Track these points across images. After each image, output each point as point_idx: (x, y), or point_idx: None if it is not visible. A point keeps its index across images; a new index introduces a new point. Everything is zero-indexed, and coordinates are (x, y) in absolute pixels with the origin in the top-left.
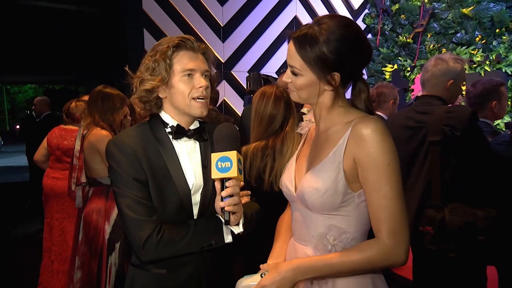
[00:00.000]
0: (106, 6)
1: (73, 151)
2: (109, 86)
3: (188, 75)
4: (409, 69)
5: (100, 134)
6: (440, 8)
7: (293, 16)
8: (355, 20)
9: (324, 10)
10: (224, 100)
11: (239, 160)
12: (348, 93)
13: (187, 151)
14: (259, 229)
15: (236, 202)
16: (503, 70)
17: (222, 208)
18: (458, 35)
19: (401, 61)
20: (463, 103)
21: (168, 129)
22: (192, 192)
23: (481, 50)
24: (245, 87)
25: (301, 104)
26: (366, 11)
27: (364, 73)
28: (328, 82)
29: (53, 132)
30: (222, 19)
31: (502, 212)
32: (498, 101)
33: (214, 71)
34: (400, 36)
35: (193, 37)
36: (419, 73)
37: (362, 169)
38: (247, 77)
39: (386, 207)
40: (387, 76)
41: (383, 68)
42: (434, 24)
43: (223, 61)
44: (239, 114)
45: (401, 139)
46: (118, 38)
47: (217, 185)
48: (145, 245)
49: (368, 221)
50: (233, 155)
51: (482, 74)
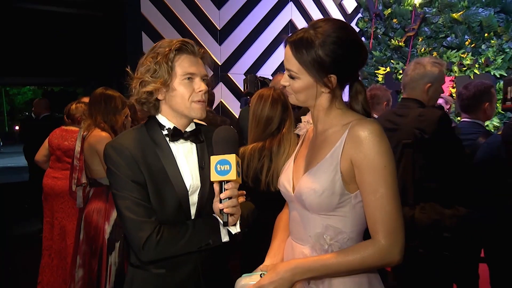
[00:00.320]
0: (105, 9)
1: (74, 152)
2: (110, 88)
3: (188, 78)
4: (401, 71)
5: (99, 135)
6: (431, 13)
7: (288, 20)
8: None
9: (318, 14)
10: (221, 101)
11: (237, 163)
12: (346, 96)
13: (184, 153)
14: (256, 228)
15: (234, 204)
16: (492, 73)
17: (221, 210)
18: (449, 39)
19: (393, 64)
20: (454, 105)
21: (165, 131)
22: (189, 192)
23: (470, 53)
24: (242, 89)
25: (297, 106)
26: (360, 15)
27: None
28: (325, 84)
29: (54, 133)
30: (219, 23)
31: (477, 211)
32: (490, 102)
33: (210, 74)
34: (392, 39)
35: (193, 41)
36: None
37: (359, 170)
38: (244, 79)
39: (382, 208)
40: (380, 79)
41: (376, 71)
42: (425, 28)
43: (220, 64)
44: (236, 116)
45: None
46: (117, 41)
47: (216, 187)
48: (145, 246)
49: (364, 222)
50: (232, 158)
51: (472, 77)
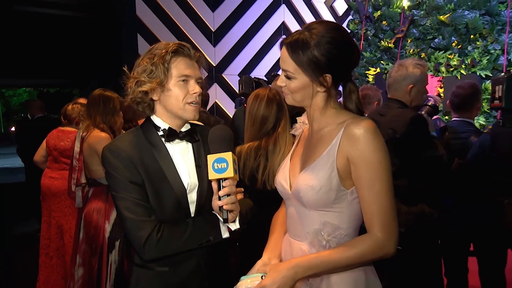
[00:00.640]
0: (100, 12)
1: (70, 152)
2: (108, 89)
3: (183, 80)
4: None
5: (99, 136)
6: (419, 15)
7: (281, 22)
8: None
9: (310, 16)
10: (216, 102)
11: (234, 161)
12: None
13: (180, 152)
14: (253, 226)
15: (233, 200)
16: (478, 73)
17: (220, 207)
18: (436, 40)
19: (383, 64)
20: (441, 105)
21: (160, 132)
22: (188, 191)
23: (457, 54)
24: (236, 90)
25: (292, 107)
26: (350, 17)
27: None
28: (321, 83)
29: (51, 133)
30: (213, 25)
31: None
32: (480, 102)
33: (205, 76)
34: (382, 41)
35: (189, 45)
36: None
37: (356, 167)
38: (239, 80)
39: (378, 202)
40: (370, 79)
41: (366, 71)
42: (414, 30)
43: (214, 65)
44: (230, 116)
45: None
46: (113, 43)
47: (214, 185)
48: (146, 244)
49: (360, 217)
50: (228, 156)
51: (459, 77)
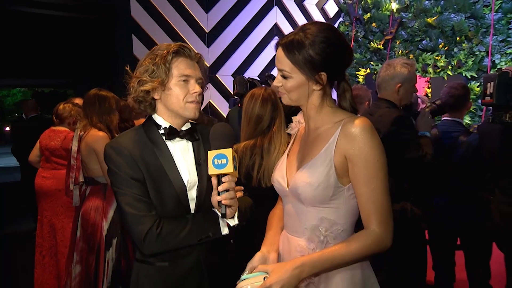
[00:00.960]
0: (95, 12)
1: (61, 151)
2: (103, 89)
3: (184, 80)
4: None
5: (96, 135)
6: (407, 18)
7: (274, 23)
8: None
9: (302, 18)
10: (210, 102)
11: (234, 157)
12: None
13: (180, 150)
14: (248, 222)
15: (232, 196)
16: (463, 74)
17: (219, 202)
18: (424, 42)
19: (373, 65)
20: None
21: (162, 131)
22: (187, 188)
23: (444, 56)
24: (229, 90)
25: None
26: (341, 19)
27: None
28: (316, 81)
29: (44, 133)
30: (207, 26)
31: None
32: (470, 101)
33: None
34: (372, 42)
35: (190, 46)
36: None
37: (353, 164)
38: (233, 81)
39: (375, 199)
40: (361, 79)
41: (357, 72)
42: (402, 32)
43: (208, 65)
44: (224, 115)
45: None
46: (108, 43)
47: (214, 180)
48: (145, 239)
49: (356, 213)
50: (228, 152)
51: (445, 77)
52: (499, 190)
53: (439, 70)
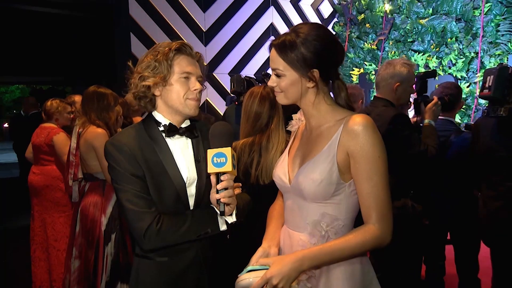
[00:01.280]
0: (94, 11)
1: (45, 148)
2: (102, 86)
3: (185, 77)
4: (373, 72)
5: (95, 132)
6: (400, 19)
7: (270, 23)
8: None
9: (297, 18)
10: (207, 100)
11: (233, 156)
12: None
13: (180, 147)
14: (245, 218)
15: (230, 194)
16: (454, 74)
17: (218, 200)
18: (416, 43)
19: (366, 65)
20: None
21: (161, 128)
22: (187, 184)
23: (435, 56)
24: (226, 88)
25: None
26: (335, 20)
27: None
28: (310, 78)
29: (35, 130)
30: (204, 25)
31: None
32: (462, 101)
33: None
34: (365, 43)
35: (191, 45)
36: None
37: (355, 161)
38: (231, 79)
39: (376, 195)
40: (354, 79)
41: (350, 72)
42: (395, 33)
43: (205, 64)
44: (221, 113)
45: None
46: (106, 41)
47: (213, 178)
48: (146, 235)
49: (356, 209)
50: (227, 151)
51: (436, 78)
52: (487, 185)
53: (430, 70)
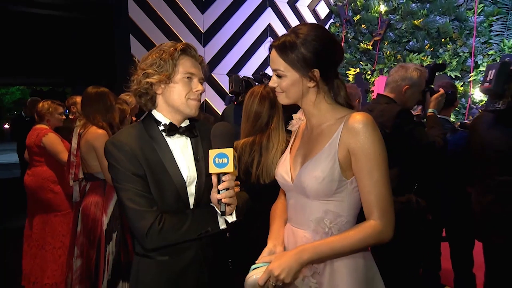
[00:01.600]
0: (94, 12)
1: (35, 149)
2: (99, 86)
3: (188, 77)
4: (369, 72)
5: (96, 133)
6: (395, 20)
7: (267, 24)
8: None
9: (294, 19)
10: (206, 100)
11: (234, 157)
12: None
13: (179, 147)
14: (246, 218)
15: (231, 194)
16: (448, 74)
17: (219, 200)
18: (411, 43)
19: (362, 65)
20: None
21: (161, 127)
22: (187, 183)
23: (429, 56)
24: (225, 88)
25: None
26: (331, 20)
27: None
28: (310, 78)
29: (29, 132)
30: (203, 26)
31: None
32: (457, 100)
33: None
34: (361, 43)
35: (195, 47)
36: (379, 76)
37: (356, 158)
38: (229, 79)
39: (377, 191)
40: (351, 79)
41: (347, 72)
42: (390, 33)
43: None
44: (219, 113)
45: None
46: (105, 43)
47: (214, 179)
48: (148, 234)
49: (358, 205)
50: (229, 152)
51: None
52: (480, 179)
53: None
